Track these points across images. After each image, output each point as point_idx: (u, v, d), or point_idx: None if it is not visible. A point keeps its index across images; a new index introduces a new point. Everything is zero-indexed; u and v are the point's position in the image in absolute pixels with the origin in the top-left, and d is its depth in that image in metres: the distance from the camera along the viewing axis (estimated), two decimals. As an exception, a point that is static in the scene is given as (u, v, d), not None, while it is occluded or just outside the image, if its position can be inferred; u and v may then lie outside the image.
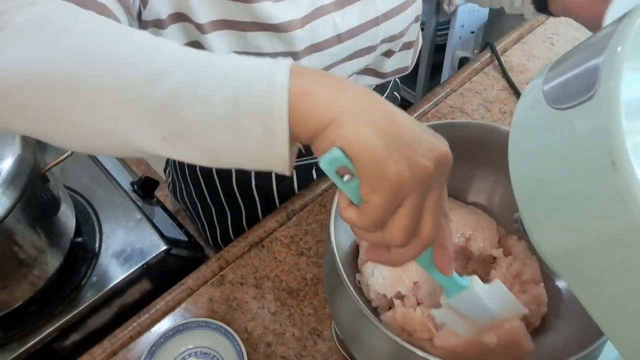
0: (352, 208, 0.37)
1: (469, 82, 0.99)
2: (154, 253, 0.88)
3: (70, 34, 0.37)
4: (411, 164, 0.34)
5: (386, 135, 0.34)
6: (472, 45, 1.75)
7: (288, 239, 0.77)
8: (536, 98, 0.35)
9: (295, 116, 0.34)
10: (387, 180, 0.33)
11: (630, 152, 0.26)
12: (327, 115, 0.34)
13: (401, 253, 0.38)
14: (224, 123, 0.34)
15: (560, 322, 0.57)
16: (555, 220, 0.33)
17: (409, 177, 0.34)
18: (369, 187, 0.34)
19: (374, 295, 0.58)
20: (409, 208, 0.35)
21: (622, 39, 0.29)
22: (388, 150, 0.33)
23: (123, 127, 0.36)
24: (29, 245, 0.76)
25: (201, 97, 0.34)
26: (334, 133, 0.34)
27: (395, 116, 0.35)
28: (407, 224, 0.35)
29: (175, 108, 0.34)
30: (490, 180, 0.64)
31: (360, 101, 0.35)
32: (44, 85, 0.36)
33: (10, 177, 0.68)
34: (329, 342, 0.68)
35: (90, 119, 0.36)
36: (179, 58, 0.36)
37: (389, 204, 0.34)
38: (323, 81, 0.35)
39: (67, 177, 0.97)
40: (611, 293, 0.31)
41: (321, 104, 0.34)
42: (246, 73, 0.35)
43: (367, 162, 0.33)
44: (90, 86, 0.35)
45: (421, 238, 0.37)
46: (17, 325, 0.82)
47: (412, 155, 0.34)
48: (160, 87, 0.35)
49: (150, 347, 0.66)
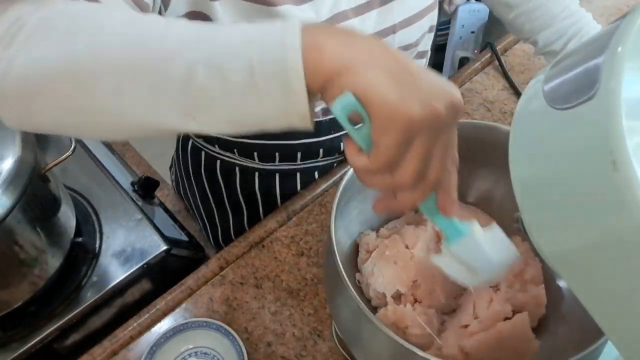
0: (362, 154, 0.37)
1: (470, 82, 0.98)
2: (154, 253, 0.88)
3: (83, 27, 0.38)
4: (422, 105, 0.34)
5: (397, 78, 0.34)
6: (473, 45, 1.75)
7: (288, 239, 0.77)
8: (537, 98, 0.35)
9: (309, 69, 0.34)
10: (398, 121, 0.34)
11: (631, 152, 0.26)
12: (339, 63, 0.35)
13: (408, 196, 0.39)
14: (243, 89, 0.35)
15: (561, 322, 0.57)
16: (556, 220, 0.33)
17: (419, 118, 0.34)
18: (381, 129, 0.35)
19: (373, 294, 0.58)
20: (419, 150, 0.36)
21: (623, 39, 0.29)
22: (399, 92, 0.34)
23: (145, 109, 0.37)
24: (29, 245, 0.76)
25: (217, 68, 0.35)
26: (345, 79, 0.34)
27: (407, 62, 0.36)
28: (417, 166, 0.36)
29: (193, 83, 0.35)
30: (490, 180, 0.64)
31: (369, 48, 0.36)
32: (65, 80, 0.37)
33: (10, 177, 0.68)
34: (329, 342, 0.68)
35: (112, 105, 0.38)
36: (190, 34, 0.37)
37: (400, 144, 0.35)
38: (333, 33, 0.36)
39: (68, 177, 0.97)
40: (611, 293, 0.31)
41: (333, 54, 0.35)
42: (258, 38, 0.35)
43: (379, 104, 0.34)
44: (109, 74, 0.37)
45: (429, 181, 0.38)
46: (18, 325, 0.82)
47: (423, 97, 0.35)
48: (176, 65, 0.36)
49: (150, 347, 0.66)
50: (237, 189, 0.86)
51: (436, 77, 0.37)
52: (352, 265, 0.62)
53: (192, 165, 0.90)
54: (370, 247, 0.61)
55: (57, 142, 1.00)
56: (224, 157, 0.83)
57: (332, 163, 0.85)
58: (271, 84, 0.35)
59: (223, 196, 0.89)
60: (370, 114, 0.35)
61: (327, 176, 0.84)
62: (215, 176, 0.87)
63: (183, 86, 0.36)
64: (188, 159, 0.90)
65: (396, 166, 0.36)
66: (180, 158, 0.93)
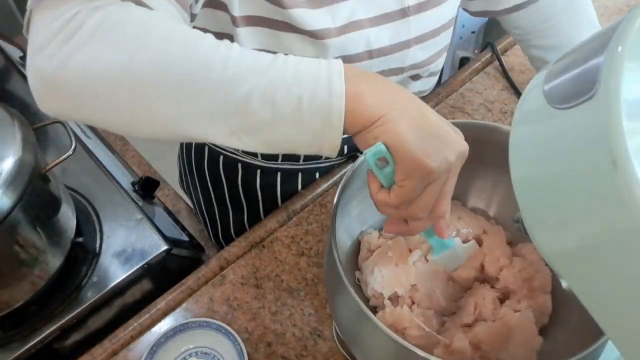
0: (383, 191, 0.46)
1: (470, 82, 0.98)
2: (155, 253, 0.88)
3: (149, 38, 0.41)
4: (440, 157, 0.42)
5: (421, 131, 0.42)
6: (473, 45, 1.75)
7: (289, 239, 0.77)
8: (537, 98, 0.35)
9: (349, 115, 0.42)
10: (419, 170, 0.42)
11: (631, 152, 0.26)
12: (375, 114, 0.42)
13: (418, 224, 0.48)
14: (288, 120, 0.41)
15: (562, 322, 0.57)
16: (556, 220, 0.33)
17: (436, 169, 0.42)
18: (404, 174, 0.43)
19: (371, 293, 0.58)
20: (432, 191, 0.44)
21: (623, 39, 0.29)
22: (422, 145, 0.42)
23: (196, 125, 0.42)
24: (30, 245, 0.76)
25: (270, 99, 0.41)
26: (379, 129, 0.42)
27: (427, 114, 0.44)
28: (429, 203, 0.45)
29: (247, 109, 0.41)
30: (491, 180, 0.64)
31: (401, 102, 0.43)
32: (124, 87, 0.40)
33: (11, 177, 0.68)
34: (330, 342, 0.68)
35: (166, 118, 0.42)
36: (248, 64, 0.42)
37: (418, 187, 0.43)
38: (372, 84, 0.43)
39: (68, 177, 0.97)
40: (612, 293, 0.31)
41: (370, 105, 0.42)
42: (308, 77, 0.42)
43: (405, 154, 0.42)
44: (170, 90, 0.41)
45: (437, 214, 0.47)
46: (18, 325, 0.82)
47: (440, 149, 0.43)
48: (234, 92, 0.41)
49: (150, 347, 0.66)
50: (238, 185, 0.86)
51: (450, 128, 0.45)
52: (352, 265, 0.62)
53: (195, 160, 0.90)
54: (372, 246, 0.61)
55: (58, 142, 1.00)
56: (227, 153, 0.83)
57: (334, 165, 0.85)
58: (314, 120, 0.41)
59: (224, 192, 0.89)
60: (397, 160, 0.42)
61: (328, 176, 0.84)
62: (218, 172, 0.87)
63: (236, 110, 0.41)
64: (192, 154, 0.91)
65: (411, 202, 0.45)
66: (184, 153, 0.94)
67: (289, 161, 0.81)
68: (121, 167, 1.13)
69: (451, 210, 0.64)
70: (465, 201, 0.67)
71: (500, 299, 0.59)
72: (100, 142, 1.18)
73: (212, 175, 0.89)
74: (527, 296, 0.58)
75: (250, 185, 0.86)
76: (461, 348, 0.53)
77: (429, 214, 0.46)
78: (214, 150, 0.85)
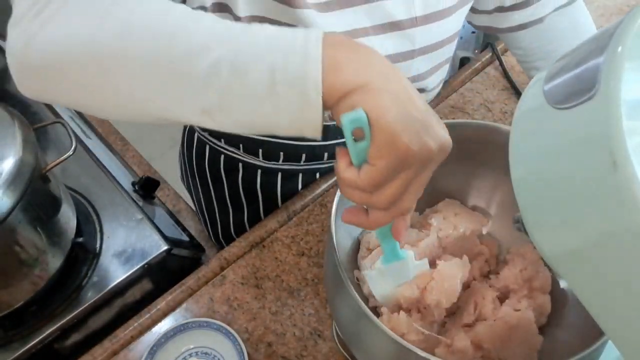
0: (353, 169, 0.39)
1: (470, 82, 0.98)
2: (155, 253, 0.88)
3: (115, 11, 0.39)
4: (421, 142, 0.37)
5: (404, 109, 0.37)
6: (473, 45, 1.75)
7: (289, 239, 0.77)
8: (537, 98, 0.35)
9: (327, 84, 0.37)
10: (397, 150, 0.36)
11: (631, 152, 0.26)
12: (356, 82, 0.37)
13: (378, 217, 0.42)
14: (262, 94, 0.37)
15: (562, 322, 0.57)
16: (556, 220, 0.33)
17: (415, 153, 0.37)
18: (379, 152, 0.37)
19: (367, 291, 0.58)
20: (403, 180, 0.38)
21: (623, 39, 0.29)
22: (404, 123, 0.36)
23: (165, 102, 0.39)
24: (30, 245, 0.76)
25: (241, 68, 0.37)
26: (359, 97, 0.37)
27: (413, 94, 0.38)
28: (396, 193, 0.39)
29: (216, 82, 0.37)
30: (491, 180, 0.64)
31: (385, 73, 0.38)
32: (90, 61, 0.38)
33: (11, 178, 0.68)
34: (330, 342, 0.68)
35: (134, 93, 0.39)
36: (217, 32, 0.38)
37: (390, 171, 0.37)
38: (353, 49, 0.38)
39: (68, 177, 0.97)
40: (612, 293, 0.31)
41: (351, 73, 0.37)
42: (283, 44, 0.37)
43: (384, 128, 0.36)
44: (135, 63, 0.38)
45: (400, 208, 0.41)
46: (18, 325, 0.82)
47: (422, 134, 0.37)
48: (201, 61, 0.37)
49: (151, 347, 0.66)
50: (238, 184, 0.86)
51: (435, 119, 0.40)
52: (352, 265, 0.62)
53: (196, 159, 0.90)
54: (371, 245, 0.61)
55: (58, 142, 1.00)
56: (229, 152, 0.83)
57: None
58: (289, 92, 0.37)
59: (225, 191, 0.89)
60: (374, 134, 0.37)
61: (328, 176, 0.84)
62: (219, 171, 0.87)
63: (205, 83, 0.37)
64: (193, 153, 0.91)
65: (378, 187, 0.39)
66: (185, 151, 0.94)
67: (290, 162, 0.81)
68: (121, 167, 1.13)
69: (448, 207, 0.65)
70: (466, 201, 0.67)
71: (500, 299, 0.59)
72: (100, 142, 1.18)
73: (213, 175, 0.89)
74: (526, 296, 0.58)
75: (251, 185, 0.86)
76: (463, 348, 0.53)
77: (392, 206, 0.40)
78: (215, 150, 0.85)
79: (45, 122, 0.85)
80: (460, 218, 0.63)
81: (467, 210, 0.66)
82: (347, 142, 0.39)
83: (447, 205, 0.65)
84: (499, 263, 0.64)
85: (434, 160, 0.39)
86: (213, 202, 0.94)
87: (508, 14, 0.76)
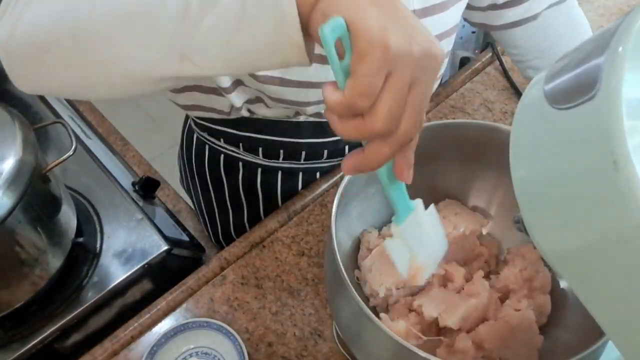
0: (338, 90, 0.36)
1: (470, 82, 0.98)
2: (155, 253, 0.88)
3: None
4: (400, 40, 0.34)
5: (383, 10, 0.34)
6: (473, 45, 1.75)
7: (289, 239, 0.77)
8: (537, 98, 0.35)
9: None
10: (375, 47, 0.33)
11: (632, 152, 0.26)
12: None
13: (375, 150, 0.37)
14: (236, 22, 0.36)
15: (562, 322, 0.57)
16: (556, 220, 0.33)
17: (395, 49, 0.34)
18: (359, 56, 0.34)
19: (368, 291, 0.59)
20: (393, 88, 0.35)
21: (623, 38, 0.29)
22: (381, 22, 0.34)
23: (144, 54, 0.38)
24: (30, 245, 0.76)
25: (210, 1, 0.36)
26: (333, 1, 0.34)
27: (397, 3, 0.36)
28: (389, 106, 0.35)
29: (187, 21, 0.36)
30: (491, 180, 0.64)
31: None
32: (66, 34, 0.39)
33: (11, 178, 0.68)
34: (330, 342, 0.68)
35: (112, 54, 0.39)
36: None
37: (374, 74, 0.34)
38: None
39: (68, 177, 0.97)
40: (613, 293, 0.31)
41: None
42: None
43: (361, 30, 0.34)
44: (106, 23, 0.38)
45: (399, 134, 0.37)
46: (19, 325, 0.82)
47: (403, 33, 0.34)
48: (170, 2, 0.36)
49: (151, 347, 0.66)
50: (238, 184, 0.86)
51: (421, 26, 0.36)
52: (352, 265, 0.62)
53: (196, 159, 0.90)
54: (371, 245, 0.61)
55: (58, 143, 1.00)
56: (228, 152, 0.83)
57: (335, 165, 0.85)
58: (261, 11, 0.35)
59: (224, 191, 0.89)
60: (353, 41, 0.34)
61: (328, 176, 0.84)
62: (218, 170, 0.87)
63: (178, 23, 0.37)
64: (192, 153, 0.91)
65: (369, 109, 0.35)
66: (185, 152, 0.94)
67: (290, 160, 0.81)
68: (121, 167, 1.13)
69: (448, 207, 0.65)
70: (466, 201, 0.67)
71: (500, 299, 0.59)
72: (100, 142, 1.18)
73: (213, 174, 0.89)
74: (527, 296, 0.58)
75: (251, 185, 0.86)
76: (464, 348, 0.53)
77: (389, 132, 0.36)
78: (215, 149, 0.85)
79: (45, 122, 0.85)
80: (460, 218, 0.63)
81: (467, 210, 0.66)
82: (329, 59, 0.36)
83: (447, 206, 0.65)
84: (499, 263, 0.64)
85: (421, 66, 0.36)
86: (213, 203, 0.94)
87: (502, 12, 0.77)
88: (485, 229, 0.65)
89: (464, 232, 0.62)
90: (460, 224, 0.63)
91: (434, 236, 0.50)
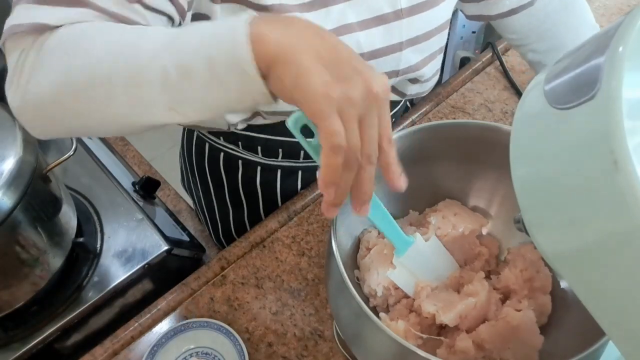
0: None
1: (470, 82, 0.98)
2: (155, 253, 0.88)
3: (78, 47, 0.46)
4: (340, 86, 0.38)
5: (324, 60, 0.39)
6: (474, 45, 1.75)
7: (289, 239, 0.77)
8: (537, 98, 0.35)
9: (257, 57, 0.40)
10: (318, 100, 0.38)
11: (632, 152, 0.26)
12: (277, 51, 0.40)
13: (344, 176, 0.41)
14: (209, 82, 0.42)
15: (563, 322, 0.57)
16: (557, 220, 0.33)
17: (336, 96, 0.38)
18: (312, 113, 0.39)
19: (367, 290, 0.59)
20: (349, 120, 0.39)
21: (624, 38, 0.29)
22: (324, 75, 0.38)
23: (135, 110, 0.45)
24: (31, 245, 0.76)
25: (184, 68, 0.42)
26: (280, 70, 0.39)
27: (334, 43, 0.41)
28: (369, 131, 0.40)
29: (168, 83, 0.42)
30: (491, 180, 0.64)
31: (302, 34, 0.41)
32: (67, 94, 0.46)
33: (12, 178, 0.68)
34: (331, 342, 0.68)
35: (108, 110, 0.46)
36: (158, 41, 0.44)
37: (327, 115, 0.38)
38: (274, 22, 0.42)
39: (69, 177, 0.97)
40: (613, 293, 0.31)
41: (272, 43, 0.40)
42: (214, 37, 0.42)
43: (309, 100, 0.38)
44: (100, 84, 0.45)
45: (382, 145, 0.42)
46: (19, 325, 0.82)
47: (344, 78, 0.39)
48: (151, 71, 0.43)
49: (151, 347, 0.66)
50: (238, 182, 0.86)
51: (362, 65, 0.40)
52: (353, 265, 0.62)
53: (196, 157, 0.91)
54: (371, 245, 0.61)
55: (58, 143, 1.00)
56: (228, 150, 0.83)
57: None
58: (230, 74, 0.41)
59: (224, 189, 0.90)
60: (308, 115, 0.39)
61: (328, 176, 0.84)
62: (218, 168, 0.87)
63: (161, 86, 0.43)
64: (192, 152, 0.91)
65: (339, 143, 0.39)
66: (185, 151, 0.94)
67: (289, 158, 0.81)
68: (122, 168, 1.13)
69: (448, 207, 0.65)
70: (466, 201, 0.67)
71: (500, 299, 0.59)
72: (100, 143, 1.18)
73: (213, 173, 0.89)
74: (527, 296, 0.58)
75: (251, 183, 0.86)
76: (465, 348, 0.53)
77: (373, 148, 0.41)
78: (215, 147, 0.85)
79: (45, 122, 0.84)
80: (460, 218, 0.63)
81: (467, 210, 0.66)
82: (299, 140, 0.44)
83: (447, 205, 0.65)
84: (500, 263, 0.64)
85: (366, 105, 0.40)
86: (213, 201, 0.94)
87: (497, 0, 0.76)
88: (485, 229, 0.65)
89: (464, 232, 0.62)
90: (460, 224, 0.63)
91: (438, 262, 0.56)
